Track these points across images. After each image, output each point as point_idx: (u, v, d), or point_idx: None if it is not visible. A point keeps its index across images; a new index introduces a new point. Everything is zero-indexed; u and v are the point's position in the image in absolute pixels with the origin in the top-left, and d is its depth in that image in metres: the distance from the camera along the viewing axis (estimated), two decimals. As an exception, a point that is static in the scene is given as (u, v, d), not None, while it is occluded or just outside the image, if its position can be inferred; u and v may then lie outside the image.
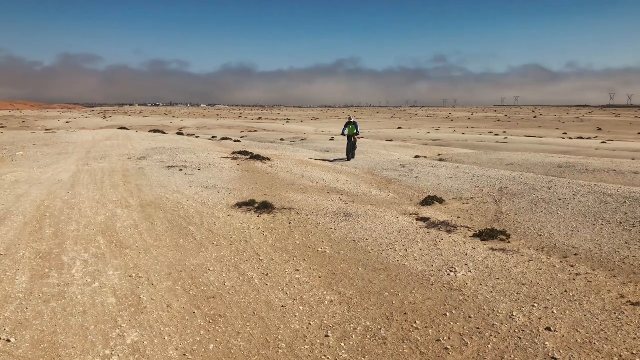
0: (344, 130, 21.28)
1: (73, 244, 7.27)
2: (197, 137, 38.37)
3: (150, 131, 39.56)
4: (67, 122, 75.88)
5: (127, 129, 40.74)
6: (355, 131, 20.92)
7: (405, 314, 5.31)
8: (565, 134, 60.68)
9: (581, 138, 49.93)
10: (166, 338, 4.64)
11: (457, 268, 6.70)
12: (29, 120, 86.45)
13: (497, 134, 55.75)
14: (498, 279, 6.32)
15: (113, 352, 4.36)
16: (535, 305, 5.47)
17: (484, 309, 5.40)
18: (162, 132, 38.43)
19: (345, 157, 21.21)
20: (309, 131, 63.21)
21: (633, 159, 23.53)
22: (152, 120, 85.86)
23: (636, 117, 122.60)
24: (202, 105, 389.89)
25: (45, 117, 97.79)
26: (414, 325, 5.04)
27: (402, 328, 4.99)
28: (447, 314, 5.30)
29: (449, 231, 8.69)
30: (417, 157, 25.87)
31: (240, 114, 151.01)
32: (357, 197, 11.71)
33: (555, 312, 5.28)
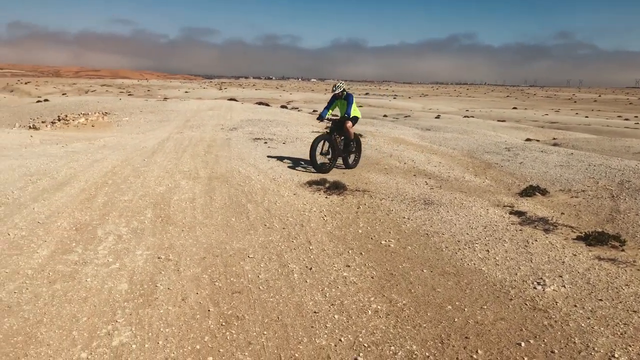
0: (325, 110, 11.29)
1: (117, 215, 6.82)
2: (299, 110, 38.28)
3: (256, 103, 40.08)
4: (186, 92, 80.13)
5: (235, 100, 41.69)
6: (345, 112, 10.99)
7: (466, 337, 4.16)
8: None
9: None
10: (160, 343, 3.87)
11: (546, 280, 5.34)
12: (153, 89, 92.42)
13: (627, 119, 50.12)
14: (600, 299, 4.90)
15: (89, 357, 3.67)
16: (649, 345, 4.06)
17: (575, 342, 4.09)
18: (267, 105, 38.79)
19: (312, 166, 10.54)
20: (415, 108, 61.10)
21: None
22: (262, 93, 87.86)
23: None
24: (313, 80, 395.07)
25: (167, 87, 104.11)
26: (474, 357, 3.88)
27: (456, 358, 3.86)
28: (522, 344, 4.06)
29: (546, 230, 7.20)
30: (528, 140, 23.54)
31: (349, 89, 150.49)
32: (446, 182, 10.40)
33: (676, 359, 3.85)
